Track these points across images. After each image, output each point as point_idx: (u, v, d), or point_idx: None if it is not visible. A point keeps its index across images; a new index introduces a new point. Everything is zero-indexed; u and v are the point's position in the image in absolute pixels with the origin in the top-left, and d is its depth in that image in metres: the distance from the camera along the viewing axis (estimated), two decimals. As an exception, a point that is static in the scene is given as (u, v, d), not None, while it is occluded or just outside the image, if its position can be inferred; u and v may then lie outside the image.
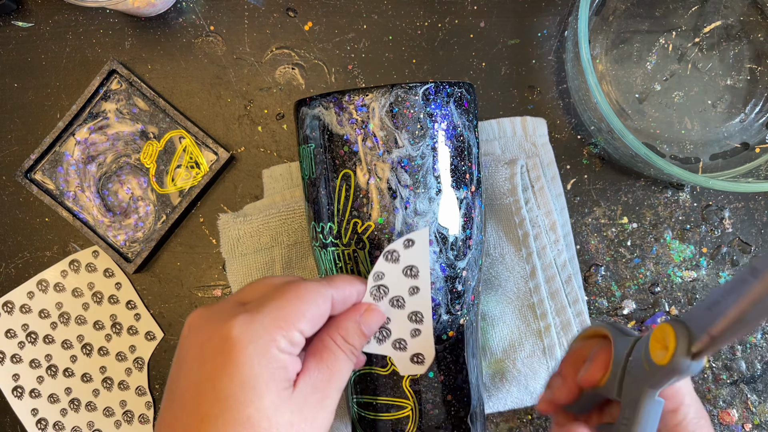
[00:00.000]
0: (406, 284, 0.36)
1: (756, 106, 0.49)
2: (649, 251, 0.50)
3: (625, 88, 0.49)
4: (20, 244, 0.51)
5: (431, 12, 0.50)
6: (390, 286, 0.36)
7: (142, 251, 0.49)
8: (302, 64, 0.50)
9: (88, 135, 0.50)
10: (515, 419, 0.49)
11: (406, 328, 0.36)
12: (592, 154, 0.50)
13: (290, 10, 0.51)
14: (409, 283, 0.36)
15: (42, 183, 0.50)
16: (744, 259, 0.50)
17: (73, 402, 0.51)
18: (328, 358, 0.33)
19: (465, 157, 0.39)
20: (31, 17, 0.51)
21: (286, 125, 0.50)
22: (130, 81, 0.50)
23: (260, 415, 0.29)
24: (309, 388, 0.31)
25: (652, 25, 0.49)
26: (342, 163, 0.37)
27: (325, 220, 0.39)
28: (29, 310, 0.51)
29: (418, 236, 0.35)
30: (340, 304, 0.34)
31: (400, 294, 0.36)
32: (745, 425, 0.49)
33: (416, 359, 0.37)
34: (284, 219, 0.47)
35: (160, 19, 0.51)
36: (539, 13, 0.50)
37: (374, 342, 0.37)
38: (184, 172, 0.50)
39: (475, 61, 0.50)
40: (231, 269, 0.48)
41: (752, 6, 0.49)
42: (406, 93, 0.36)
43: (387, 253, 0.35)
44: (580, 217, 0.50)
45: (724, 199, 0.50)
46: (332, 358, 0.33)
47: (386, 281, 0.35)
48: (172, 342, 0.51)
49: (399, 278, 0.35)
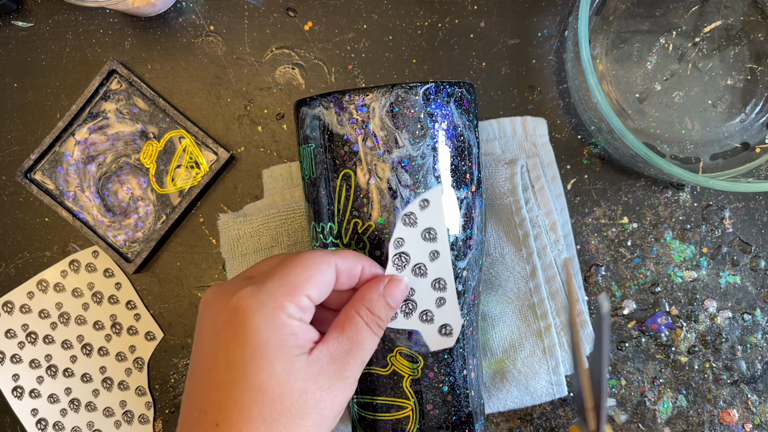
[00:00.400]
0: (426, 249, 0.35)
1: (756, 106, 0.49)
2: (650, 251, 0.50)
3: (625, 88, 0.49)
4: (20, 244, 0.51)
5: (431, 12, 0.50)
6: (411, 252, 0.35)
7: (142, 251, 0.49)
8: (302, 64, 0.50)
9: (88, 135, 0.50)
10: (515, 419, 0.49)
11: (431, 297, 0.36)
12: (593, 154, 0.50)
13: (290, 10, 0.51)
14: (429, 248, 0.35)
15: (42, 183, 0.50)
16: (744, 259, 0.50)
17: (73, 402, 0.51)
18: (349, 329, 0.33)
19: (465, 157, 0.39)
20: (31, 17, 0.51)
21: (286, 125, 0.50)
22: (130, 81, 0.50)
23: (273, 382, 0.29)
24: (326, 357, 0.31)
25: (652, 25, 0.49)
26: (342, 163, 0.37)
27: (325, 220, 0.39)
28: (29, 310, 0.51)
29: (431, 195, 0.34)
30: (346, 274, 0.34)
31: (421, 261, 0.35)
32: (745, 425, 0.49)
33: (444, 330, 0.36)
34: (284, 219, 0.47)
35: (160, 19, 0.51)
36: (539, 13, 0.50)
37: (401, 316, 0.36)
38: (184, 172, 0.50)
39: (475, 61, 0.50)
40: (231, 269, 0.48)
41: (752, 6, 0.49)
42: (406, 93, 0.36)
43: (404, 216, 0.35)
44: (581, 217, 0.50)
45: (725, 199, 0.50)
46: (353, 329, 0.33)
47: (406, 248, 0.35)
48: (171, 342, 0.51)
49: (418, 243, 0.35)
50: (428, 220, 0.35)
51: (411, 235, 0.35)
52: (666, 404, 0.49)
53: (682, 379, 0.49)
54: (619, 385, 0.49)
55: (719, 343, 0.49)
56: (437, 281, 0.36)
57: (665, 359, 0.49)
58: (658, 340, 0.49)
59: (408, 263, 0.35)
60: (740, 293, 0.50)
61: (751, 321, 0.50)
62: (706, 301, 0.50)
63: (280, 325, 0.30)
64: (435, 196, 0.34)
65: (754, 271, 0.50)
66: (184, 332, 0.50)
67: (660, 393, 0.49)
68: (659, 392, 0.49)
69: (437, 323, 0.36)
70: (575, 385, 0.34)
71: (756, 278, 0.50)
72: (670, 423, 0.49)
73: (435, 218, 0.35)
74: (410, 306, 0.36)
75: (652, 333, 0.49)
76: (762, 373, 0.49)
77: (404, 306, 0.36)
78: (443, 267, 0.35)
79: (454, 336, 0.37)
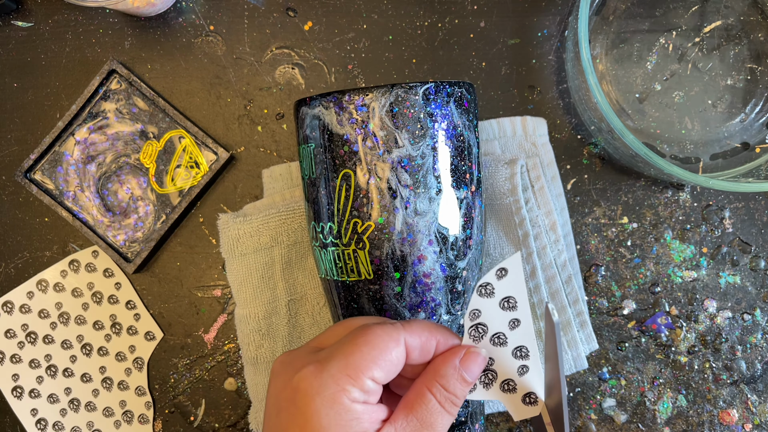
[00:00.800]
0: (505, 318, 0.33)
1: (756, 106, 0.49)
2: (649, 251, 0.50)
3: (625, 87, 0.49)
4: (20, 244, 0.51)
5: (431, 12, 0.50)
6: (488, 323, 0.33)
7: (141, 251, 0.49)
8: (302, 64, 0.50)
9: (87, 135, 0.50)
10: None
11: (512, 366, 0.33)
12: (592, 154, 0.50)
13: (290, 10, 0.51)
14: (509, 317, 0.33)
15: (42, 183, 0.50)
16: (744, 259, 0.50)
17: (73, 402, 0.51)
18: (419, 408, 0.30)
19: (465, 156, 0.39)
20: (31, 17, 0.51)
21: (286, 125, 0.50)
22: (129, 81, 0.50)
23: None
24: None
25: (652, 25, 0.49)
26: (342, 163, 0.37)
27: (325, 220, 0.39)
28: (29, 310, 0.51)
29: (510, 264, 0.32)
30: (417, 350, 0.31)
31: (500, 330, 0.33)
32: (745, 425, 0.49)
33: (528, 400, 0.33)
34: (284, 219, 0.47)
35: (160, 19, 0.51)
36: (539, 13, 0.50)
37: (480, 387, 0.33)
38: (183, 172, 0.50)
39: (475, 61, 0.50)
40: (231, 269, 0.48)
41: (752, 6, 0.49)
42: (406, 93, 0.36)
43: (480, 287, 0.32)
44: (580, 217, 0.50)
45: (725, 199, 0.50)
46: (423, 408, 0.30)
47: (483, 318, 0.33)
48: (171, 342, 0.51)
49: (497, 313, 0.33)
50: (507, 290, 0.32)
51: (488, 305, 0.32)
52: (666, 404, 0.49)
53: (682, 379, 0.49)
54: (618, 385, 0.49)
55: (719, 343, 0.49)
56: (519, 349, 0.33)
57: (665, 359, 0.49)
58: (658, 340, 0.49)
59: (486, 334, 0.33)
60: (740, 293, 0.50)
61: (751, 321, 0.50)
62: (706, 301, 0.50)
63: (342, 410, 0.28)
64: (514, 264, 0.32)
65: (754, 271, 0.50)
66: (184, 332, 0.50)
67: (660, 393, 0.49)
68: (659, 392, 0.49)
69: (520, 392, 0.33)
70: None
71: (756, 278, 0.50)
72: (670, 423, 0.49)
73: (515, 287, 0.32)
74: (490, 376, 0.33)
75: (651, 333, 0.49)
76: (762, 373, 0.49)
77: (483, 377, 0.33)
78: (525, 334, 0.33)
79: (540, 406, 0.33)
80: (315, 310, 0.48)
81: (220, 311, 0.50)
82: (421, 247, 0.37)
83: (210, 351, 0.50)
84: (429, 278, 0.38)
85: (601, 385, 0.49)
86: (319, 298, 0.48)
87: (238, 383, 0.50)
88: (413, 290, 0.38)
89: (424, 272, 0.38)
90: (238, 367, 0.50)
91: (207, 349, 0.50)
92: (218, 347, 0.50)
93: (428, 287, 0.38)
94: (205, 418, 0.50)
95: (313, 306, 0.48)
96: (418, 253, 0.37)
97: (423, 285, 0.38)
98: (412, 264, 0.37)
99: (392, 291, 0.38)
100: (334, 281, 0.39)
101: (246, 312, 0.47)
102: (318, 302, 0.48)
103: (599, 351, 0.49)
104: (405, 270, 0.37)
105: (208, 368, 0.50)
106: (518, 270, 0.32)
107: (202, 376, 0.50)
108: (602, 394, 0.49)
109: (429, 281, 0.38)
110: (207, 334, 0.50)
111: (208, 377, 0.50)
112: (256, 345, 0.47)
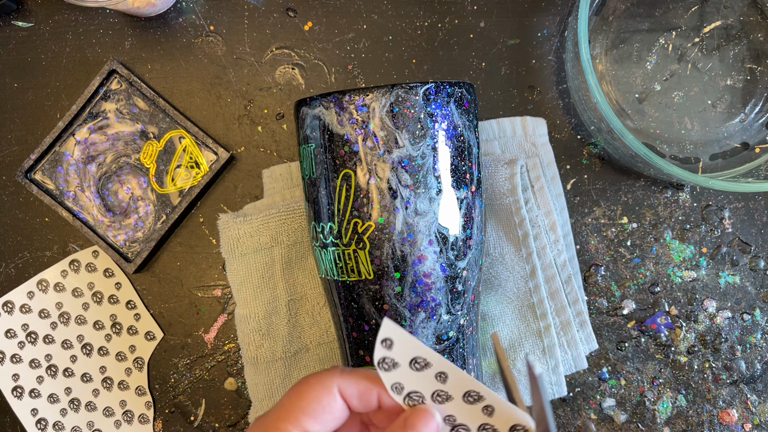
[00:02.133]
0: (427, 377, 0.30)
1: (756, 106, 0.49)
2: (649, 251, 0.50)
3: (625, 88, 0.49)
4: (20, 244, 0.51)
5: (431, 12, 0.50)
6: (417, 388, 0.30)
7: (142, 251, 0.49)
8: (302, 64, 0.51)
9: (88, 135, 0.50)
10: (515, 419, 0.49)
11: (474, 411, 0.31)
12: (592, 154, 0.50)
13: (290, 10, 0.51)
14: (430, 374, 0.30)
15: (42, 183, 0.50)
16: (744, 259, 0.50)
17: (73, 402, 0.51)
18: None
19: (465, 157, 0.39)
20: (31, 17, 0.51)
21: (286, 125, 0.50)
22: (130, 81, 0.50)
23: None
24: None
25: (652, 25, 0.49)
26: (342, 163, 0.37)
27: (325, 220, 0.39)
28: (29, 310, 0.51)
29: (387, 330, 0.29)
30: (355, 398, 0.30)
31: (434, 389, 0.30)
32: (745, 425, 0.49)
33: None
34: (284, 219, 0.47)
35: (160, 19, 0.51)
36: (539, 13, 0.50)
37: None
38: (184, 172, 0.50)
39: (475, 61, 0.50)
40: (231, 269, 0.48)
41: (752, 6, 0.49)
42: (406, 93, 0.36)
43: (380, 364, 0.30)
44: (580, 217, 0.50)
45: (724, 199, 0.50)
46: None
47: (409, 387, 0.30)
48: (171, 342, 0.51)
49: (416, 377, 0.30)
50: (406, 353, 0.29)
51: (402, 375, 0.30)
52: (665, 404, 0.49)
53: (682, 379, 0.49)
54: (618, 385, 0.49)
55: (719, 343, 0.50)
56: (467, 395, 0.30)
57: (665, 359, 0.49)
58: (658, 340, 0.49)
59: (423, 398, 0.31)
60: (740, 293, 0.50)
61: (751, 321, 0.50)
62: (705, 301, 0.50)
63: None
64: (390, 328, 0.29)
65: (754, 271, 0.50)
66: (184, 332, 0.51)
67: (659, 393, 0.49)
68: (659, 392, 0.49)
69: (504, 429, 0.31)
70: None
71: (755, 278, 0.50)
72: (670, 423, 0.49)
73: (410, 347, 0.29)
74: (462, 430, 0.31)
75: (651, 333, 0.49)
76: (761, 373, 0.49)
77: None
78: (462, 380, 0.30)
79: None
80: (315, 310, 0.48)
81: (220, 311, 0.50)
82: (422, 247, 0.37)
83: (210, 351, 0.50)
84: (429, 278, 0.38)
85: (601, 385, 0.49)
86: (319, 298, 0.48)
87: (238, 383, 0.50)
88: (413, 290, 0.38)
89: (424, 272, 0.38)
90: (238, 367, 0.50)
91: (207, 348, 0.50)
92: (218, 347, 0.50)
93: (428, 287, 0.38)
94: (205, 417, 0.50)
95: (313, 306, 0.48)
96: (419, 253, 0.37)
97: (423, 285, 0.38)
98: (413, 264, 0.37)
99: (392, 291, 0.38)
100: (334, 281, 0.39)
101: (246, 312, 0.47)
102: (318, 302, 0.48)
103: (599, 351, 0.49)
104: (405, 270, 0.37)
105: (209, 368, 0.50)
106: (398, 331, 0.29)
107: (203, 375, 0.50)
108: (602, 394, 0.49)
109: (429, 281, 0.38)
110: (207, 334, 0.50)
111: (209, 377, 0.50)
112: (256, 345, 0.47)
